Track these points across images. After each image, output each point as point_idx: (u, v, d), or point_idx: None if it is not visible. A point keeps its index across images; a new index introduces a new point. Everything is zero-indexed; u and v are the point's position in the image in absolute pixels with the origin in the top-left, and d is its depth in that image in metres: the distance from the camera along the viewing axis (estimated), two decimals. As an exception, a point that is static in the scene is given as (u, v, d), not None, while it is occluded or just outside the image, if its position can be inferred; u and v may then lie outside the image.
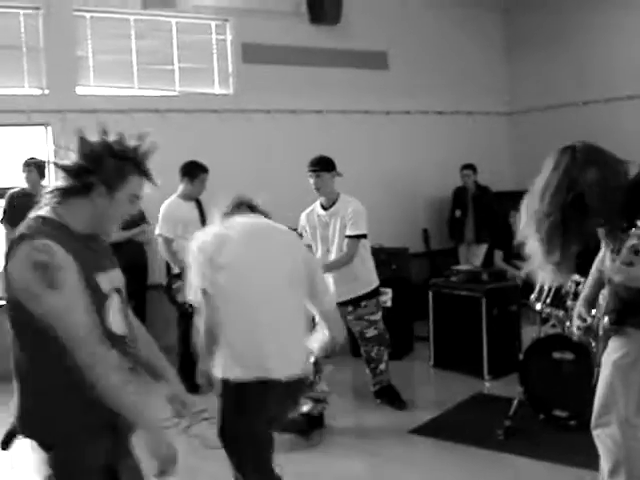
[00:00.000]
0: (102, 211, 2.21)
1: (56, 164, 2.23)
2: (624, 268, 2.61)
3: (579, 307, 3.25)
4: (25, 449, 2.27)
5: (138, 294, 7.07)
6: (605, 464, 3.08)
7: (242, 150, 7.40)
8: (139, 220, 6.98)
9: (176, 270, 5.70)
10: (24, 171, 6.53)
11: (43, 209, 2.20)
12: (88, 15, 7.01)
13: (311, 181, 5.03)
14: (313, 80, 8.07)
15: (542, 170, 2.77)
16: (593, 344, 3.15)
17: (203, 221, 5.76)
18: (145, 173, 2.26)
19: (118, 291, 2.32)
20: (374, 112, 8.47)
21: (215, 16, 7.67)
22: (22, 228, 2.15)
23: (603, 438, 3.07)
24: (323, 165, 5.08)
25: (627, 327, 2.96)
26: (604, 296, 3.05)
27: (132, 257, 6.96)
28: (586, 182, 2.64)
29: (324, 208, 5.15)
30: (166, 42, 7.48)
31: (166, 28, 7.46)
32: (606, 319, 3.01)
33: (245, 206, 3.20)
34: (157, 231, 5.92)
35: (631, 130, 7.94)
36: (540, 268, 2.83)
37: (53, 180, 6.79)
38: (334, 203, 5.13)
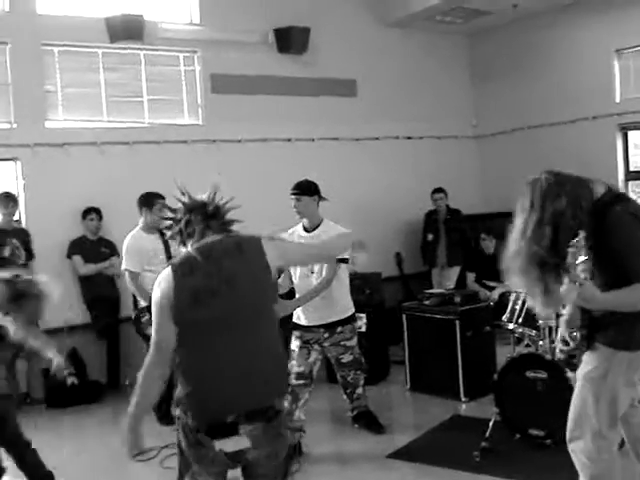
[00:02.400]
0: None
1: None
2: (573, 288, 2.79)
3: (561, 330, 3.26)
4: None
5: (111, 326, 7.02)
6: (582, 479, 3.10)
7: (213, 180, 7.38)
8: (109, 253, 6.95)
9: (143, 303, 5.62)
10: (8, 206, 6.50)
11: None
12: (56, 49, 7.02)
13: (292, 204, 5.06)
14: (282, 109, 8.12)
15: (517, 206, 3.00)
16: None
17: (168, 252, 5.71)
18: None
19: None
20: (344, 139, 8.55)
21: (183, 48, 7.71)
22: None
23: (577, 453, 3.09)
24: (303, 189, 5.12)
25: (596, 343, 3.04)
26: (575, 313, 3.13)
27: (103, 290, 6.93)
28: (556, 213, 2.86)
29: (306, 231, 5.17)
30: (135, 74, 7.49)
31: (134, 61, 7.48)
32: (578, 335, 3.08)
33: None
34: (123, 266, 5.85)
35: (597, 149, 8.10)
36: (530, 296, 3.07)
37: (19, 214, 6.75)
38: (317, 226, 5.14)
